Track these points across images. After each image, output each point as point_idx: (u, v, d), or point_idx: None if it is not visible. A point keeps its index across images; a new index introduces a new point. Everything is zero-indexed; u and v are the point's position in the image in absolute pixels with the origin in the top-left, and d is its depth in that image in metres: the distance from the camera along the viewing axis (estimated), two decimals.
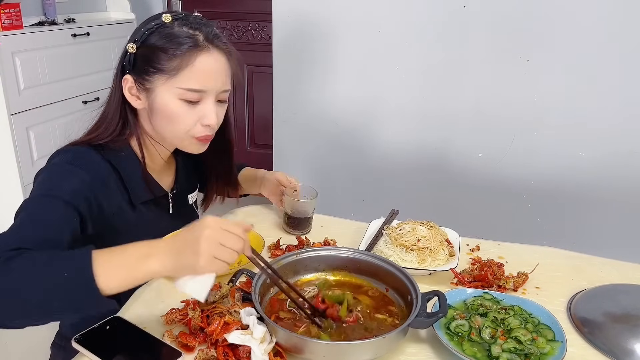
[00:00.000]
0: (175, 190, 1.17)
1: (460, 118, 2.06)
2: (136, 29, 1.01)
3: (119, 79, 1.01)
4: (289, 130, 2.31)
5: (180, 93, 0.97)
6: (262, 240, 1.19)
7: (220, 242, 0.79)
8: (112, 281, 0.77)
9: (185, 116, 0.99)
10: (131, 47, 0.98)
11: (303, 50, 2.16)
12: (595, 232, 2.02)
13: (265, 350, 0.84)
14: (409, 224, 1.21)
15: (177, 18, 0.99)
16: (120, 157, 1.03)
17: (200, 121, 1.00)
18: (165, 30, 0.97)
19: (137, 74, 0.99)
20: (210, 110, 1.00)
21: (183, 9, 3.39)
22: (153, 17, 1.01)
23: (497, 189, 2.10)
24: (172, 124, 1.00)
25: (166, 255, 0.79)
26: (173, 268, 0.79)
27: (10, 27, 2.38)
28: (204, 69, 0.97)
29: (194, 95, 0.98)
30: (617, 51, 1.82)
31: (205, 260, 0.78)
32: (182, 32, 0.97)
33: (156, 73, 0.97)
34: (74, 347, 0.86)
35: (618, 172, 1.94)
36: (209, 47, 0.98)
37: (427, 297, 0.94)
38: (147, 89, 0.99)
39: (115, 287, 0.78)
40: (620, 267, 1.22)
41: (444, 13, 1.95)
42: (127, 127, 1.04)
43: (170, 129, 1.02)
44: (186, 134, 1.02)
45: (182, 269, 0.80)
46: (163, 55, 0.96)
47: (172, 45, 0.96)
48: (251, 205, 1.49)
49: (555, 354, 0.87)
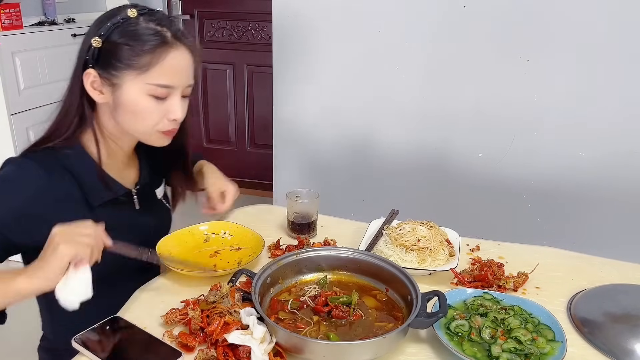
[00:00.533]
0: (139, 186, 1.15)
1: (460, 118, 2.06)
2: (99, 22, 0.99)
3: (80, 72, 0.99)
4: (289, 130, 2.31)
5: (150, 89, 0.97)
6: (262, 240, 1.19)
7: (73, 233, 0.85)
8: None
9: (153, 111, 1.00)
10: (96, 41, 0.96)
11: (303, 50, 2.16)
12: (595, 232, 2.02)
13: (265, 350, 0.84)
14: (409, 224, 1.21)
15: (142, 13, 0.99)
16: (73, 158, 1.02)
17: (167, 116, 1.01)
18: (132, 26, 0.97)
19: (103, 68, 0.98)
20: (177, 105, 1.01)
21: (183, 9, 3.40)
22: (116, 10, 1.00)
23: (497, 189, 2.10)
24: (139, 119, 1.00)
25: (30, 271, 0.83)
26: (41, 279, 0.83)
27: (10, 27, 2.38)
28: (173, 65, 0.98)
29: (163, 91, 0.99)
30: (617, 51, 1.82)
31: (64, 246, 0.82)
32: (150, 28, 0.97)
33: (125, 69, 0.96)
34: (74, 347, 0.86)
35: (618, 172, 1.94)
36: (178, 43, 0.99)
37: (427, 297, 0.94)
38: (113, 84, 0.98)
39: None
40: (620, 267, 1.22)
41: (444, 13, 1.95)
42: (83, 123, 1.03)
43: (136, 124, 1.02)
44: (153, 129, 1.02)
45: (50, 275, 0.83)
46: (132, 52, 0.96)
47: (141, 42, 0.96)
48: (251, 205, 1.49)
49: (555, 354, 0.87)
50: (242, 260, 1.15)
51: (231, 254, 1.19)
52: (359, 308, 0.98)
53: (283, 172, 2.40)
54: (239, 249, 1.20)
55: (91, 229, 0.88)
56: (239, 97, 3.53)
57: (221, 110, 3.60)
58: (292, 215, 1.30)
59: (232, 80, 3.50)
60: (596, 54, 1.84)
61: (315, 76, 2.19)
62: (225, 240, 1.24)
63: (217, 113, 3.61)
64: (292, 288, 1.05)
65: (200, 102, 3.60)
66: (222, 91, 3.55)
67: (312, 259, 1.08)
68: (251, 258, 1.13)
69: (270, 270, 1.01)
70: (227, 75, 3.50)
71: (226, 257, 1.18)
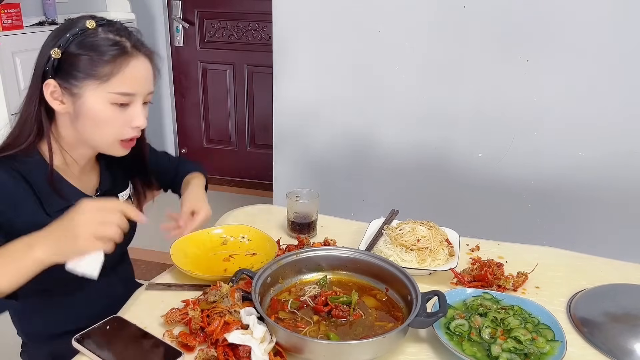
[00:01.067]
0: (99, 192, 1.14)
1: (460, 118, 2.07)
2: (56, 33, 1.00)
3: (40, 83, 0.99)
4: (288, 130, 2.31)
5: (112, 98, 0.98)
6: (275, 247, 1.17)
7: (100, 222, 0.84)
8: (4, 280, 0.84)
9: (115, 120, 1.01)
10: (56, 52, 0.97)
11: (303, 50, 2.16)
12: (595, 232, 2.02)
13: (265, 350, 0.84)
14: (409, 224, 1.21)
15: (101, 24, 1.00)
16: (31, 167, 1.02)
17: (129, 124, 1.02)
18: (91, 37, 0.98)
19: (63, 78, 0.98)
20: (139, 112, 1.02)
21: (183, 9, 3.40)
22: (74, 21, 1.01)
23: (497, 189, 2.10)
24: (101, 127, 1.01)
25: (47, 243, 0.84)
26: (56, 253, 0.84)
27: (11, 27, 2.38)
28: (134, 74, 1.00)
29: (124, 99, 0.99)
30: (617, 51, 1.82)
31: (84, 242, 0.83)
32: (109, 39, 0.98)
33: (86, 79, 0.97)
34: (74, 347, 0.86)
35: (618, 172, 1.94)
36: (137, 53, 1.00)
37: (427, 297, 0.94)
38: (74, 94, 0.99)
39: (8, 285, 0.84)
40: (620, 267, 1.22)
41: (444, 13, 1.95)
42: (41, 132, 1.03)
43: (97, 133, 1.02)
44: (114, 138, 1.03)
45: (66, 254, 0.84)
46: (92, 62, 0.97)
47: (101, 52, 0.97)
48: (251, 205, 1.50)
49: (555, 353, 0.87)
50: (254, 266, 1.13)
51: (245, 259, 1.19)
52: (359, 308, 0.98)
53: (283, 172, 2.40)
54: (254, 255, 1.20)
55: (119, 212, 0.86)
56: (239, 97, 3.53)
57: (221, 111, 3.60)
58: (292, 215, 1.30)
59: (232, 80, 3.50)
60: (596, 54, 1.84)
61: (315, 76, 2.19)
62: (243, 244, 1.23)
63: (217, 113, 3.61)
64: (292, 288, 1.05)
65: (200, 102, 3.61)
66: (222, 91, 3.55)
67: (312, 259, 1.08)
68: (262, 265, 1.13)
69: (270, 270, 1.01)
70: (227, 76, 3.50)
71: (239, 262, 1.18)
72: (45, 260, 0.84)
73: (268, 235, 1.22)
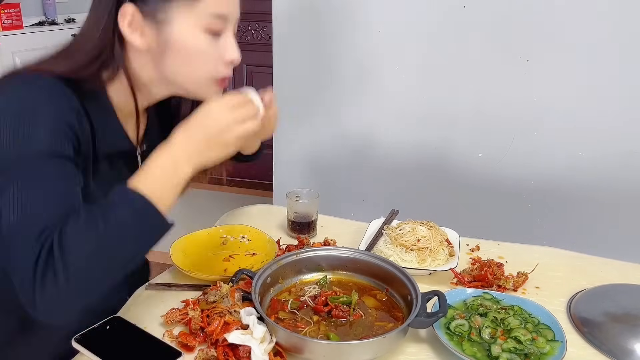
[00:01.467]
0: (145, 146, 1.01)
1: (460, 118, 2.06)
2: None
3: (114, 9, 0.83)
4: (288, 130, 2.31)
5: (206, 22, 0.84)
6: (275, 247, 1.17)
7: (239, 121, 0.81)
8: (167, 201, 0.78)
9: (208, 52, 0.86)
10: None
11: (303, 50, 2.16)
12: (595, 232, 2.02)
13: (265, 350, 0.84)
14: (409, 224, 1.21)
15: None
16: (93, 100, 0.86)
17: (223, 57, 0.88)
18: None
19: (144, 1, 0.82)
20: (232, 43, 0.88)
21: None
22: None
23: (497, 189, 2.10)
24: (194, 62, 0.86)
25: (192, 157, 0.80)
26: (204, 165, 0.82)
27: (11, 27, 2.39)
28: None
29: (219, 24, 0.85)
30: (617, 51, 1.82)
31: (234, 147, 0.82)
32: None
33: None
34: (74, 347, 0.86)
35: (618, 172, 1.94)
36: None
37: (427, 297, 0.94)
38: (158, 21, 0.82)
39: (170, 206, 0.80)
40: (620, 267, 1.22)
41: (444, 13, 1.95)
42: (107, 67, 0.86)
43: (189, 70, 0.86)
44: (210, 75, 0.88)
45: (213, 163, 0.83)
46: None
47: None
48: (251, 205, 1.50)
49: (555, 353, 0.87)
50: (254, 266, 1.13)
51: (245, 259, 1.19)
52: (359, 308, 0.98)
53: (283, 172, 2.40)
54: (254, 255, 1.20)
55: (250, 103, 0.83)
56: None
57: None
58: (292, 215, 1.30)
59: (232, 80, 3.50)
60: (596, 54, 1.84)
61: (315, 76, 2.19)
62: (243, 244, 1.23)
63: None
64: (292, 288, 1.05)
65: None
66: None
67: (312, 259, 1.08)
68: (262, 265, 1.13)
69: (270, 270, 1.01)
70: None
71: (239, 262, 1.18)
72: (193, 174, 0.81)
73: (268, 235, 1.22)
